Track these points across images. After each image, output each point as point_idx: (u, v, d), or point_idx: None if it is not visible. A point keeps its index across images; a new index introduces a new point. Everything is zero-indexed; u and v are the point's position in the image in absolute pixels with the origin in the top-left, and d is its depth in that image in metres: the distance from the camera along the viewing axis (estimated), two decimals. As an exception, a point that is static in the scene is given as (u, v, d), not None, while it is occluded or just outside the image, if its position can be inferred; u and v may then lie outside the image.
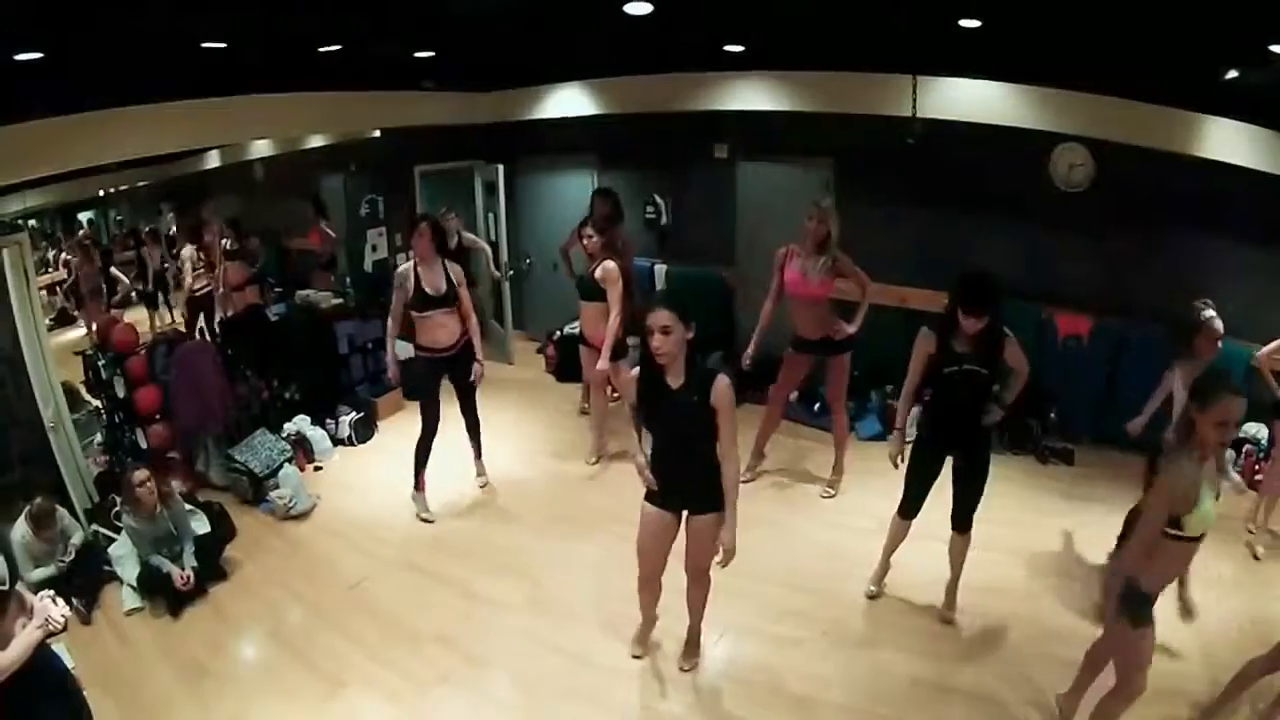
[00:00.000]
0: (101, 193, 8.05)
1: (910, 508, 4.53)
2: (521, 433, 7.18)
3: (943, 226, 6.70)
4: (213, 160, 7.57)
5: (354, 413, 7.06)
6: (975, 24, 4.95)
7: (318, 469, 6.60)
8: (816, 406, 7.00)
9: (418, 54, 6.60)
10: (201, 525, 5.28)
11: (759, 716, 3.97)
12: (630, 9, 4.68)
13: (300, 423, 6.75)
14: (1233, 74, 5.25)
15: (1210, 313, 4.74)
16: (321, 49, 5.73)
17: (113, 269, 7.72)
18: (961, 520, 4.42)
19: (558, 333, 8.47)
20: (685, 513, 3.80)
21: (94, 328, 7.06)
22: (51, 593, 3.70)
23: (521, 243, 9.23)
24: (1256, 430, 6.01)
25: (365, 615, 4.76)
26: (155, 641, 4.53)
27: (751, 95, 7.48)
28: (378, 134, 8.00)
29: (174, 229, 7.75)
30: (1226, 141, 6.01)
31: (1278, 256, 5.81)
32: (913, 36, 5.80)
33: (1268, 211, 5.94)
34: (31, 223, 7.26)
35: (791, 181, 7.67)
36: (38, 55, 4.23)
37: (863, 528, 5.29)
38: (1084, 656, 3.69)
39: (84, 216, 8.14)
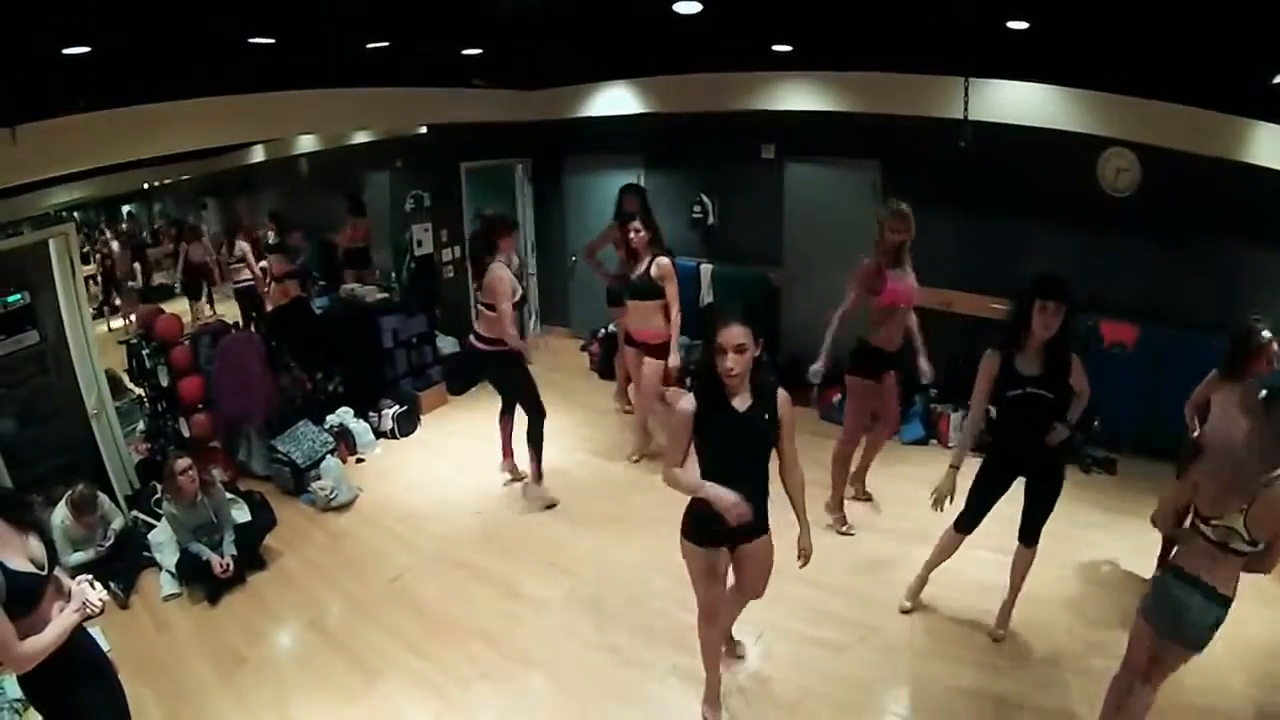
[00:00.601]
0: (145, 186, 8.11)
1: (969, 521, 4.31)
2: (564, 429, 7.09)
3: (988, 230, 6.52)
4: (257, 155, 7.58)
5: (397, 406, 7.01)
6: (1022, 26, 4.84)
7: (360, 461, 6.56)
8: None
9: (465, 51, 6.58)
10: (242, 514, 5.24)
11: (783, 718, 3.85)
12: (679, 8, 4.61)
13: (343, 415, 6.73)
14: None
15: (1268, 334, 4.48)
16: (369, 45, 5.72)
17: (143, 260, 7.76)
18: (1030, 533, 4.23)
19: (602, 330, 8.40)
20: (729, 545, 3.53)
21: (134, 317, 7.09)
22: (90, 576, 3.63)
23: (569, 241, 9.15)
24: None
25: (405, 609, 4.68)
26: (192, 628, 4.50)
27: (799, 96, 7.39)
28: (424, 130, 7.97)
29: (214, 224, 7.75)
30: (1271, 147, 5.83)
31: None
32: (962, 38, 5.69)
33: None
34: (76, 214, 7.31)
35: (838, 183, 7.56)
36: (84, 50, 4.22)
37: (904, 530, 5.15)
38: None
39: (126, 209, 8.19)
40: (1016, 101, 6.47)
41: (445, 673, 4.14)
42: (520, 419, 5.90)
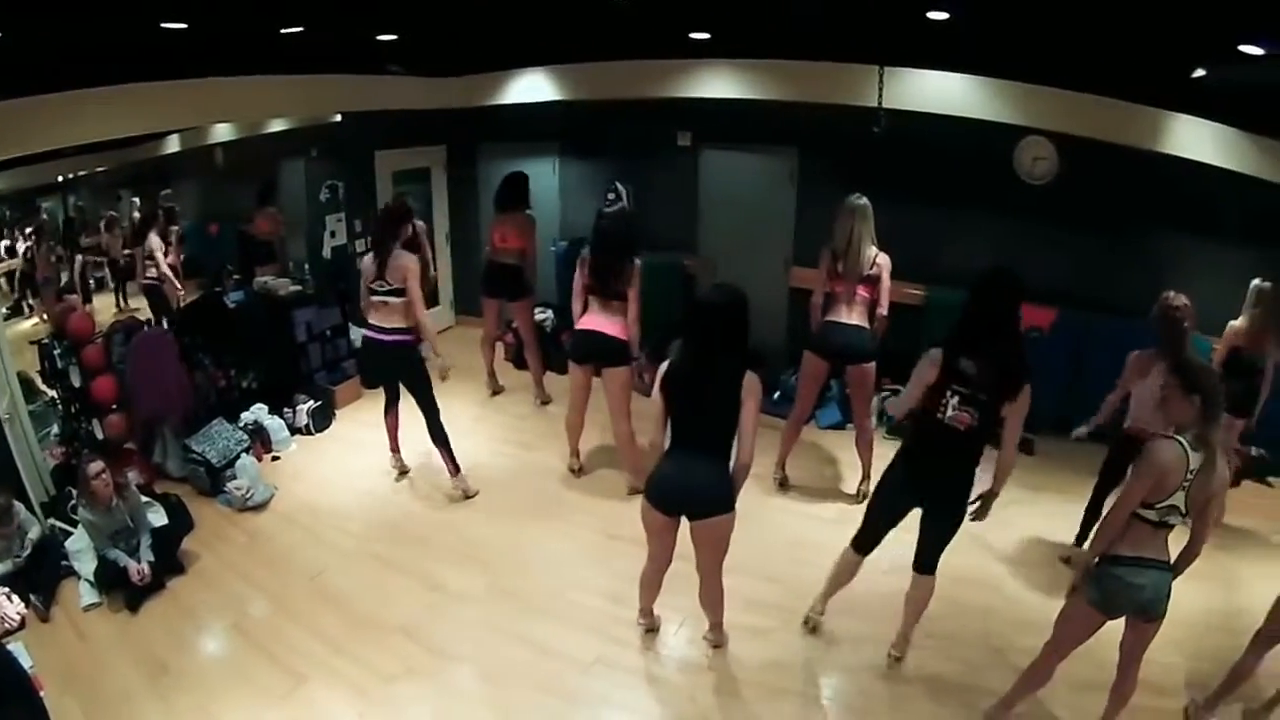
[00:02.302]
0: (60, 178, 7.88)
1: (866, 542, 4.23)
2: (480, 421, 7.23)
3: (909, 217, 6.63)
4: (173, 145, 7.44)
5: (311, 401, 7.02)
6: (943, 16, 5.04)
7: (275, 459, 6.56)
8: (776, 395, 7.10)
9: (381, 36, 6.56)
10: (158, 517, 5.23)
11: (722, 706, 4.07)
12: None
13: (258, 412, 6.70)
14: (1200, 73, 5.38)
15: (1181, 298, 4.76)
16: (284, 30, 5.68)
17: (73, 255, 7.58)
18: (925, 561, 4.11)
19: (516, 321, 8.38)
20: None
21: (47, 316, 6.93)
22: (6, 590, 3.62)
23: (484, 229, 9.08)
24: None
25: (327, 607, 4.78)
26: (115, 637, 4.51)
27: (716, 83, 7.57)
28: (339, 119, 7.92)
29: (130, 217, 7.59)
30: (1193, 139, 6.20)
31: (1244, 253, 5.96)
32: (880, 27, 5.88)
33: (1234, 209, 6.13)
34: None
35: (754, 170, 7.79)
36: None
37: (826, 517, 5.43)
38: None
39: (43, 204, 7.96)
40: (935, 90, 6.76)
41: (369, 670, 4.25)
42: (412, 415, 5.95)
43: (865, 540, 4.22)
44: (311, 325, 7.37)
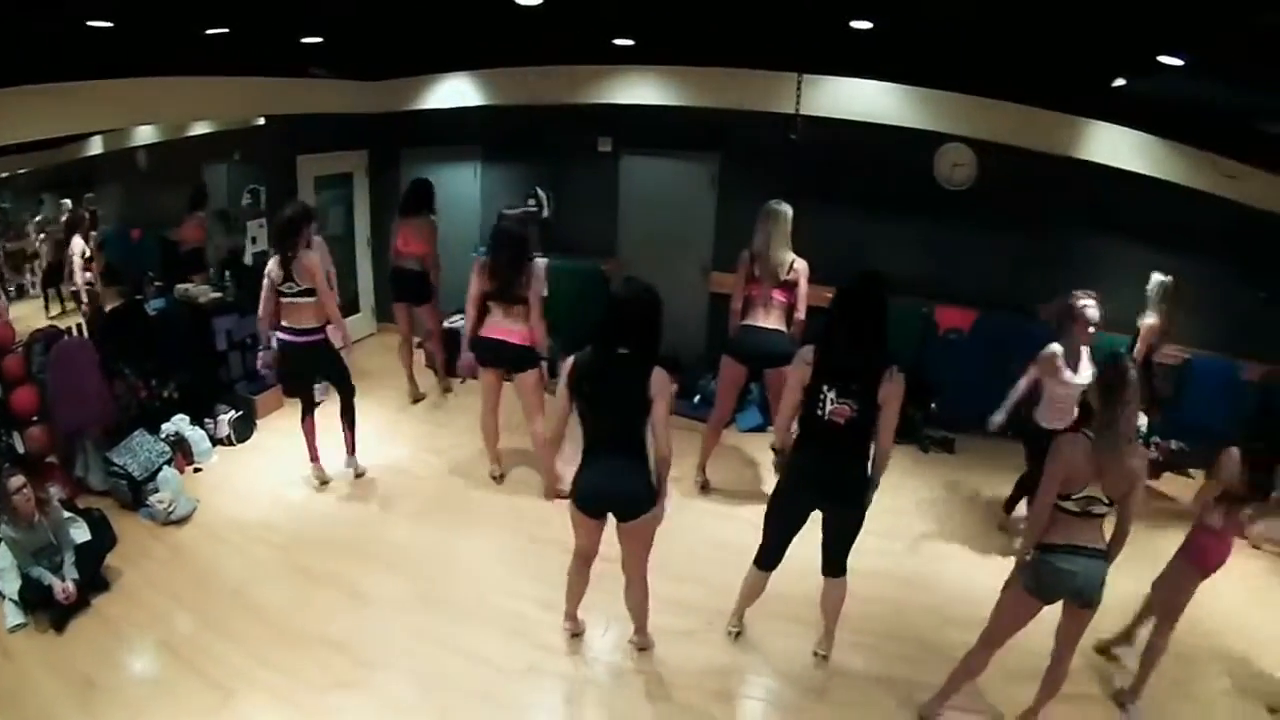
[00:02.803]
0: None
1: (770, 557, 4.32)
2: (402, 427, 7.34)
3: (830, 222, 6.89)
4: (96, 147, 7.32)
5: (233, 411, 6.98)
6: (866, 25, 5.27)
7: (197, 470, 6.52)
8: (696, 399, 7.30)
9: (305, 39, 6.55)
10: (81, 533, 5.17)
11: (651, 709, 4.25)
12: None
13: (179, 423, 6.64)
14: (1120, 82, 5.68)
15: (1086, 302, 5.13)
16: (209, 30, 5.66)
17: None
18: (833, 563, 4.23)
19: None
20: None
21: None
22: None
23: None
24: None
25: (253, 620, 4.82)
26: (41, 657, 4.49)
27: (638, 89, 7.80)
28: (262, 122, 7.89)
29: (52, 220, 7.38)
30: (1111, 146, 6.64)
31: (1158, 255, 6.37)
32: (802, 35, 6.08)
33: (1149, 213, 6.58)
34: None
35: (675, 175, 8.04)
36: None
37: (747, 518, 5.51)
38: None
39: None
40: (856, 98, 7.08)
41: (299, 683, 4.32)
42: (330, 420, 6.20)
43: (769, 556, 4.32)
44: (232, 333, 7.33)
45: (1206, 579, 4.13)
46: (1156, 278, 6.04)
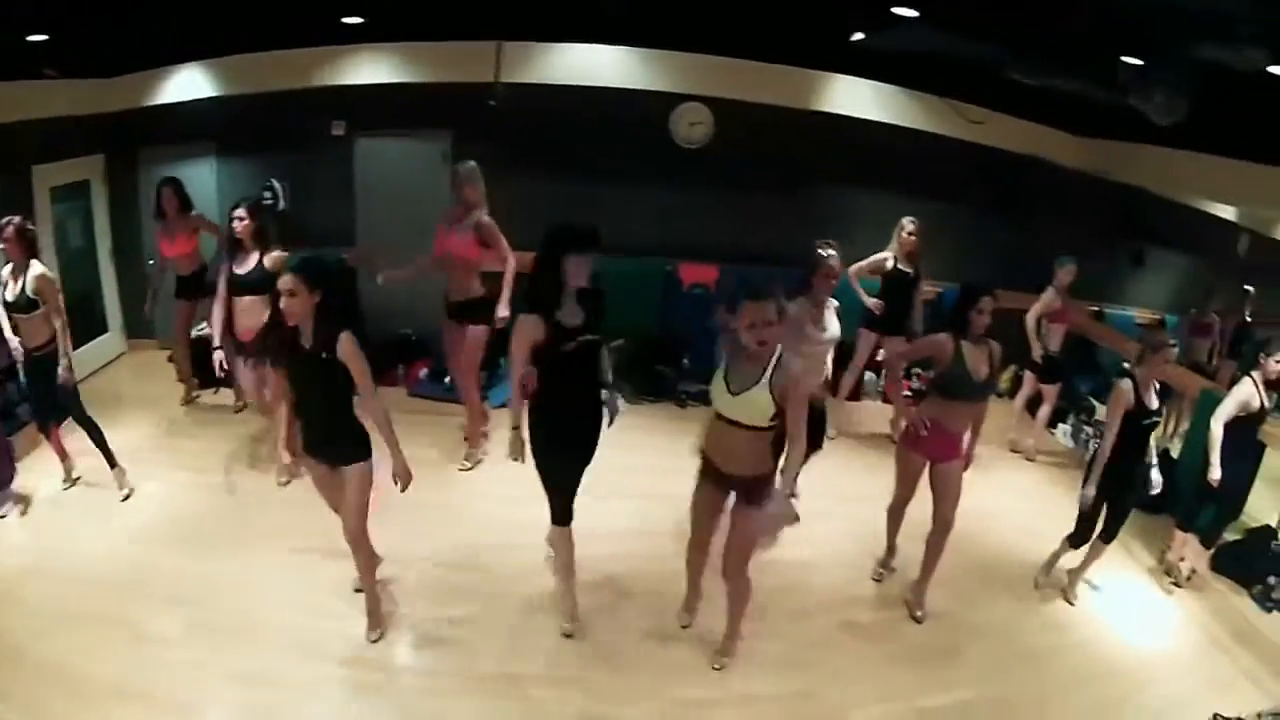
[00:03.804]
0: None
1: (563, 514, 4.38)
2: (161, 450, 6.71)
3: (569, 189, 6.97)
4: None
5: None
6: None
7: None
8: (447, 380, 7.08)
9: (31, 37, 6.15)
10: None
11: (453, 705, 4.14)
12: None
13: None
14: (859, 36, 5.72)
15: (829, 252, 5.18)
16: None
17: None
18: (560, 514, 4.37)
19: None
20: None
21: None
22: None
23: (147, 243, 8.12)
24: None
25: (35, 680, 4.17)
26: None
27: (368, 68, 7.57)
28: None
29: None
30: (851, 97, 6.74)
31: (900, 200, 6.54)
32: (502, 3, 5.90)
33: (888, 160, 7.02)
34: None
35: (409, 155, 7.90)
36: None
37: (512, 495, 5.23)
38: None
39: None
40: (582, 62, 7.12)
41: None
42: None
43: (559, 513, 4.40)
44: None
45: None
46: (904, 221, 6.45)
